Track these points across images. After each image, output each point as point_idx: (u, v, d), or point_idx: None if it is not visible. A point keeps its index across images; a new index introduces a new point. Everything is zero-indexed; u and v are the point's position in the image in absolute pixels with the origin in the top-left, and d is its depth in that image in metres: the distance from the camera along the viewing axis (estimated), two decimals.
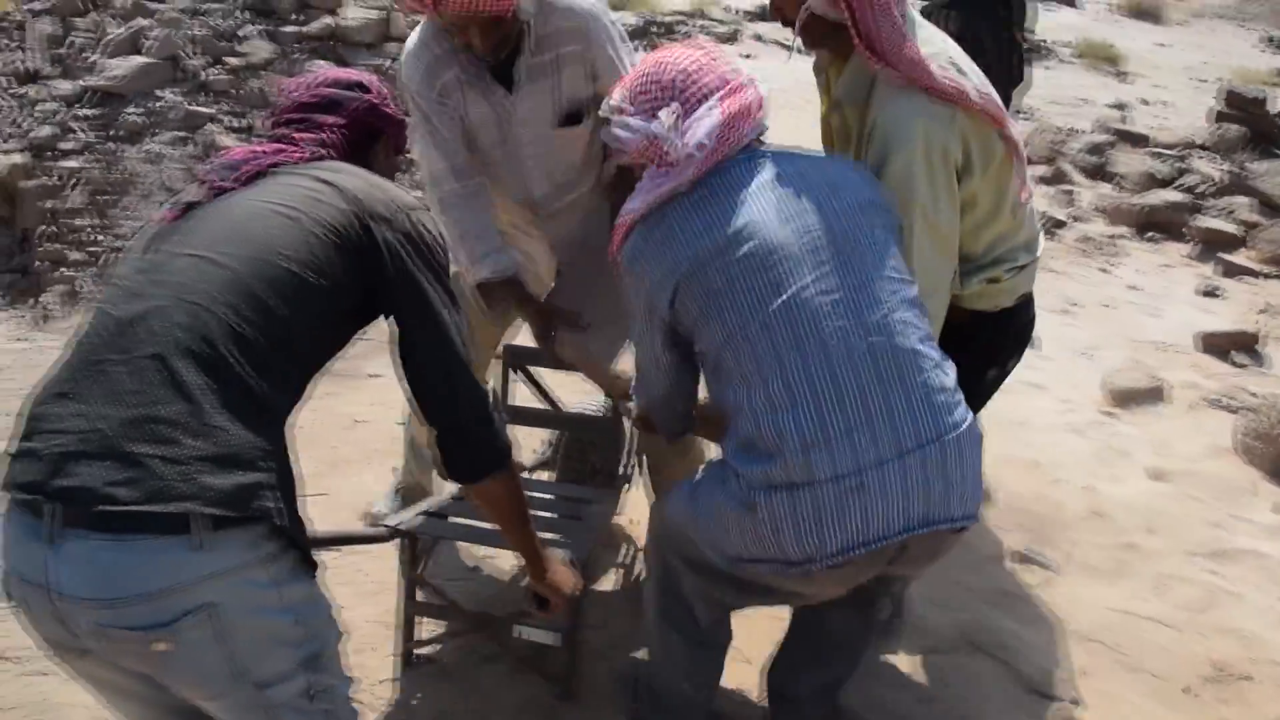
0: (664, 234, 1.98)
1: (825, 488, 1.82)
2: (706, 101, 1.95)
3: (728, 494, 1.93)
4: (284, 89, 1.99)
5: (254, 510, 1.52)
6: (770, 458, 1.86)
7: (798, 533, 1.83)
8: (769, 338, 1.87)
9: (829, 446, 1.82)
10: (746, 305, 1.89)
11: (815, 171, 2.02)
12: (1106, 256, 6.53)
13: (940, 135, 2.10)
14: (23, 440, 1.57)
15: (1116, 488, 3.94)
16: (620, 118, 2.01)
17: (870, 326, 1.88)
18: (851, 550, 1.83)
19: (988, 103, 2.14)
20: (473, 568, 3.26)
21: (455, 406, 1.81)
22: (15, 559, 1.53)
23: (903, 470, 1.83)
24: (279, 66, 6.13)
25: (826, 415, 1.83)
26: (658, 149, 1.96)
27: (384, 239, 1.75)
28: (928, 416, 1.86)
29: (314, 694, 1.65)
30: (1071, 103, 10.36)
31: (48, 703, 2.68)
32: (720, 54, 2.04)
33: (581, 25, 2.68)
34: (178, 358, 1.54)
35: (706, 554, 2.05)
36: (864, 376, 1.85)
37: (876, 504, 1.82)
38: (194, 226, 1.71)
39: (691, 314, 1.97)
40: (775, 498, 1.84)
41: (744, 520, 1.89)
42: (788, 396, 1.85)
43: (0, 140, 6.02)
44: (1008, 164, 2.23)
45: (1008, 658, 2.96)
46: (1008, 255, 2.36)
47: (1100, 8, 16.15)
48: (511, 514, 2.00)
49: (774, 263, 1.89)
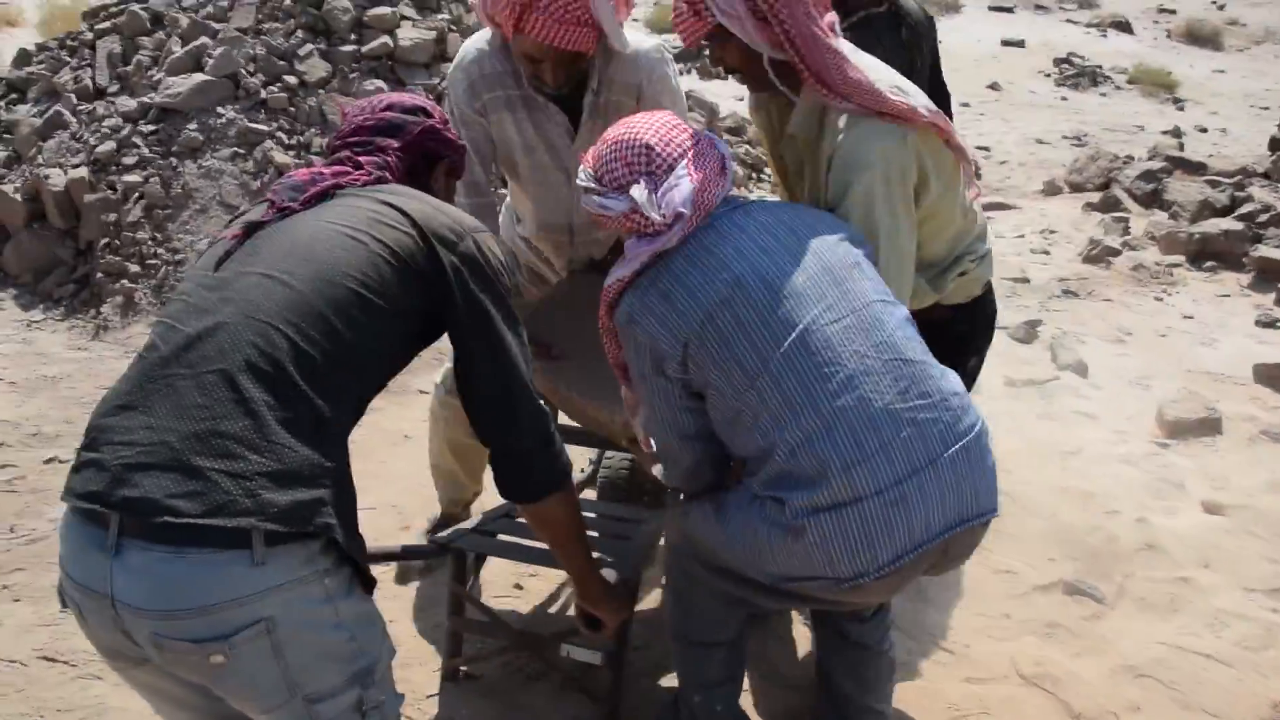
0: (661, 293, 2.01)
1: (869, 503, 1.88)
2: (674, 170, 2.01)
3: (767, 520, 1.95)
4: (346, 112, 2.01)
5: (313, 526, 1.53)
6: (813, 483, 1.90)
7: (850, 551, 1.89)
8: (793, 372, 1.93)
9: (868, 463, 1.89)
10: (763, 345, 1.94)
11: (792, 213, 2.13)
12: (1161, 285, 6.44)
13: (897, 158, 2.19)
14: (86, 450, 1.59)
15: (1170, 520, 3.87)
16: (592, 197, 2.06)
17: (880, 346, 1.97)
18: (901, 559, 1.91)
19: (934, 116, 2.23)
20: (518, 586, 3.27)
21: (517, 427, 1.83)
22: (75, 567, 1.55)
23: (936, 475, 1.92)
24: (335, 85, 6.22)
25: (860, 434, 1.90)
26: (638, 219, 2.01)
27: (448, 261, 1.77)
28: (948, 422, 1.97)
29: (365, 710, 1.66)
30: (1126, 130, 10.27)
31: (102, 706, 2.72)
32: (675, 121, 2.09)
33: (643, 77, 2.72)
34: (243, 374, 1.56)
35: (742, 569, 2.07)
36: (887, 394, 1.93)
37: (918, 511, 1.90)
38: (260, 246, 1.73)
39: (704, 367, 1.99)
40: (823, 520, 1.89)
41: (791, 544, 1.92)
42: (821, 423, 1.91)
43: (66, 155, 6.16)
44: (957, 171, 2.35)
45: (1056, 690, 2.91)
46: (968, 250, 2.50)
47: (1157, 34, 15.97)
48: (568, 535, 2.01)
49: (781, 300, 1.96)
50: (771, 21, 2.14)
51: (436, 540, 2.69)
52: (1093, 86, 13.53)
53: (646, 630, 3.02)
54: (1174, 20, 17.57)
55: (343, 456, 1.64)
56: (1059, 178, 8.74)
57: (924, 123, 2.21)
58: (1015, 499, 3.93)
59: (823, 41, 2.15)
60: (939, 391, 1.99)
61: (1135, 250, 6.94)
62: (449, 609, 2.76)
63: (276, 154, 5.87)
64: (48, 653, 2.94)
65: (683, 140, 2.05)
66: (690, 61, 12.23)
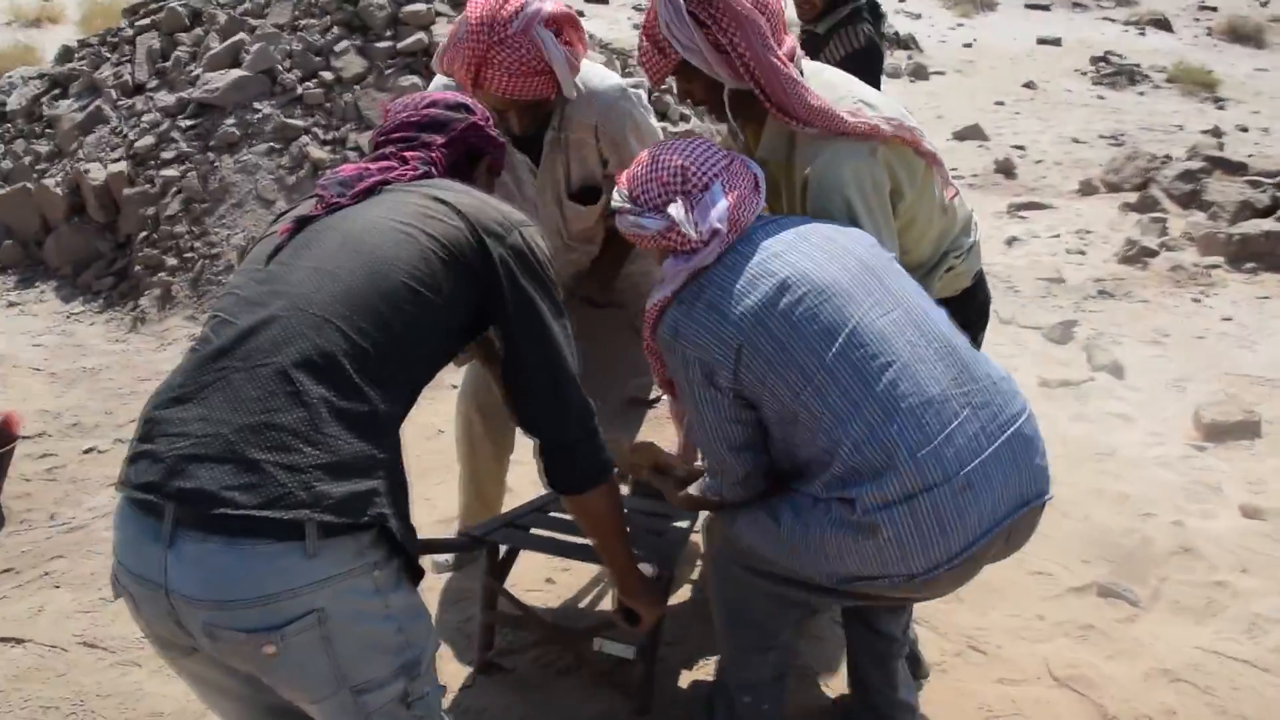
0: (707, 303, 2.03)
1: (940, 490, 1.90)
2: (710, 189, 2.05)
3: (834, 521, 1.95)
4: (389, 109, 2.02)
5: (367, 517, 1.54)
6: (880, 475, 1.91)
7: (924, 543, 1.92)
8: (849, 366, 1.95)
9: (934, 448, 1.91)
10: (818, 343, 1.96)
11: (819, 223, 2.17)
12: (1199, 287, 6.37)
13: (868, 171, 2.24)
14: (141, 442, 1.61)
15: (1207, 524, 3.83)
16: (628, 218, 2.11)
17: (930, 336, 2.02)
18: (972, 545, 1.94)
19: (898, 129, 2.26)
20: (549, 580, 3.28)
21: (564, 419, 1.84)
22: (130, 557, 1.57)
23: (997, 458, 1.96)
24: (371, 81, 6.26)
25: (923, 420, 1.92)
26: (676, 236, 2.05)
27: (497, 254, 1.78)
28: (1000, 405, 2.01)
29: (410, 701, 1.67)
30: (1165, 129, 10.16)
31: (140, 692, 2.76)
32: (708, 144, 2.13)
33: (598, 118, 2.71)
34: (297, 367, 1.57)
35: (800, 573, 2.07)
36: (943, 379, 1.97)
37: (985, 495, 1.93)
38: (310, 240, 1.74)
39: (760, 372, 1.99)
40: (895, 513, 1.90)
41: (863, 543, 1.93)
42: (882, 413, 1.92)
43: (106, 149, 6.24)
44: (929, 174, 2.39)
45: (1089, 692, 2.88)
46: (953, 246, 2.53)
47: (1198, 31, 15.79)
48: (610, 527, 2.03)
49: (829, 298, 1.99)
50: (731, 53, 2.18)
51: (470, 533, 2.70)
52: (1130, 85, 13.40)
53: (678, 626, 3.02)
54: (1215, 18, 17.38)
55: (395, 448, 1.66)
56: (1095, 177, 8.66)
57: (890, 137, 2.25)
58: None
59: (782, 72, 2.19)
60: (988, 376, 2.04)
61: (1173, 251, 6.87)
62: (482, 602, 2.78)
63: (312, 149, 5.92)
64: (87, 639, 2.98)
65: (716, 160, 2.09)
66: None
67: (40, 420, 4.41)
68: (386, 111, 2.02)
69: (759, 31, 2.17)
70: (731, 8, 2.16)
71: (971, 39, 15.96)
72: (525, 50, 2.46)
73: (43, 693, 2.76)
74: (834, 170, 2.23)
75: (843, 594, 2.10)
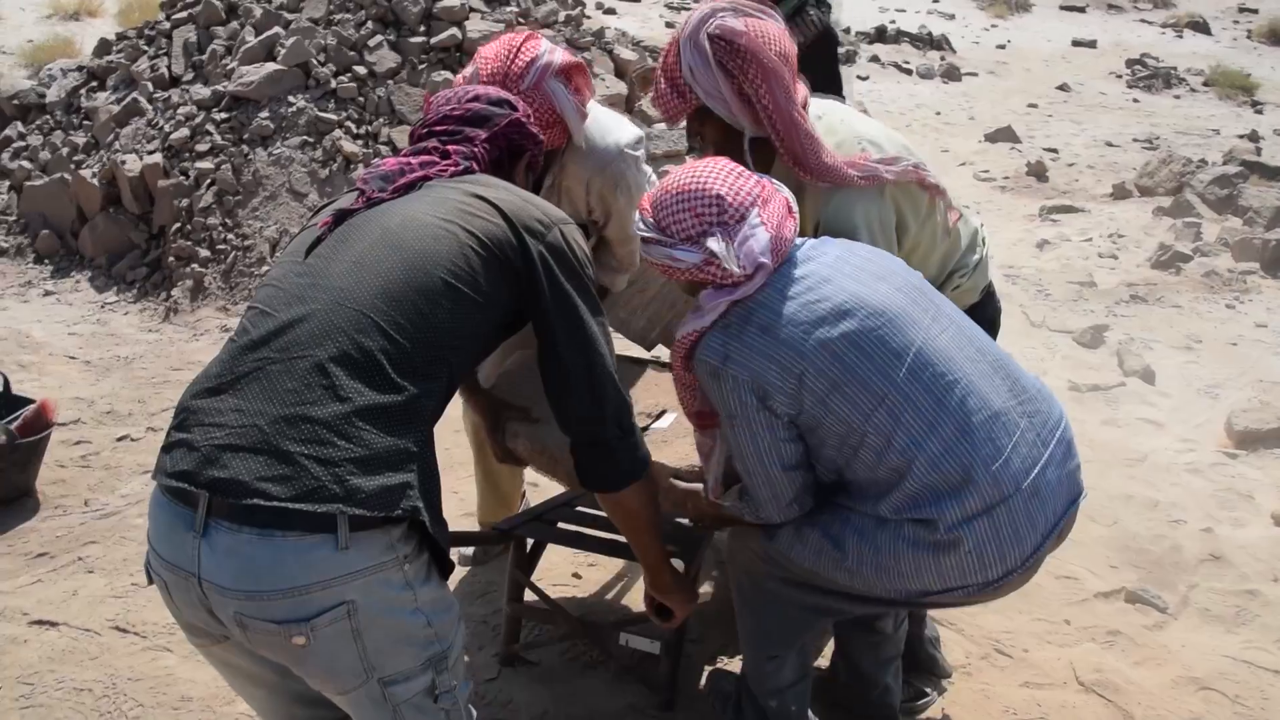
0: (760, 327, 1.99)
1: (1014, 500, 1.97)
2: (747, 219, 2.00)
3: (909, 541, 1.98)
4: (431, 102, 2.03)
5: (400, 510, 1.56)
6: (960, 492, 1.95)
7: (1001, 551, 1.97)
8: (920, 385, 1.97)
9: (1005, 460, 1.97)
10: (885, 364, 1.97)
11: (851, 245, 2.18)
12: (1234, 293, 6.31)
13: (877, 213, 2.32)
14: (176, 431, 1.62)
15: (1238, 531, 3.80)
16: (659, 249, 2.03)
17: (981, 350, 2.08)
18: (1040, 547, 2.01)
19: (901, 172, 2.31)
20: (576, 575, 3.30)
21: (601, 416, 1.84)
22: (163, 545, 1.59)
23: (1051, 463, 2.03)
24: (404, 76, 6.30)
25: (993, 434, 1.98)
26: (716, 271, 1.99)
27: (537, 252, 1.78)
28: (1047, 411, 2.09)
29: (438, 694, 1.68)
30: (1200, 133, 10.06)
31: (171, 676, 2.80)
32: (737, 168, 2.08)
33: (591, 173, 2.68)
34: (333, 362, 1.59)
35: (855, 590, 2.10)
36: (1002, 392, 2.04)
37: (1048, 499, 2.01)
38: (350, 234, 1.75)
39: (819, 395, 1.96)
40: (977, 526, 1.95)
41: (941, 559, 1.98)
42: (957, 430, 1.97)
43: (142, 141, 6.31)
44: (933, 204, 2.44)
45: (1116, 699, 2.87)
46: (958, 265, 2.57)
47: (1237, 34, 15.61)
48: (645, 524, 2.03)
49: (890, 320, 2.00)
50: (755, 103, 2.21)
51: (498, 527, 2.72)
52: (1166, 88, 13.27)
53: (703, 623, 3.03)
54: (1256, 20, 17.17)
55: (428, 442, 1.67)
56: (1129, 181, 8.59)
57: (893, 181, 2.31)
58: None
59: (802, 128, 2.23)
60: (1032, 385, 2.11)
61: (1207, 256, 6.80)
62: (508, 595, 2.80)
63: (345, 143, 5.96)
64: (120, 623, 3.02)
65: (751, 188, 2.04)
66: None
67: (75, 408, 4.47)
68: (429, 104, 2.03)
69: (782, 84, 2.20)
70: (759, 59, 2.18)
71: (1005, 40, 15.85)
72: (538, 105, 2.44)
73: (76, 675, 2.80)
74: (846, 214, 2.29)
75: (901, 605, 2.16)
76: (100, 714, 2.67)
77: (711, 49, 2.19)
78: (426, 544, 1.65)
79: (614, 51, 7.21)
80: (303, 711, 1.82)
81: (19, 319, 5.54)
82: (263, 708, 1.85)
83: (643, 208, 2.10)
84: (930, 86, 12.74)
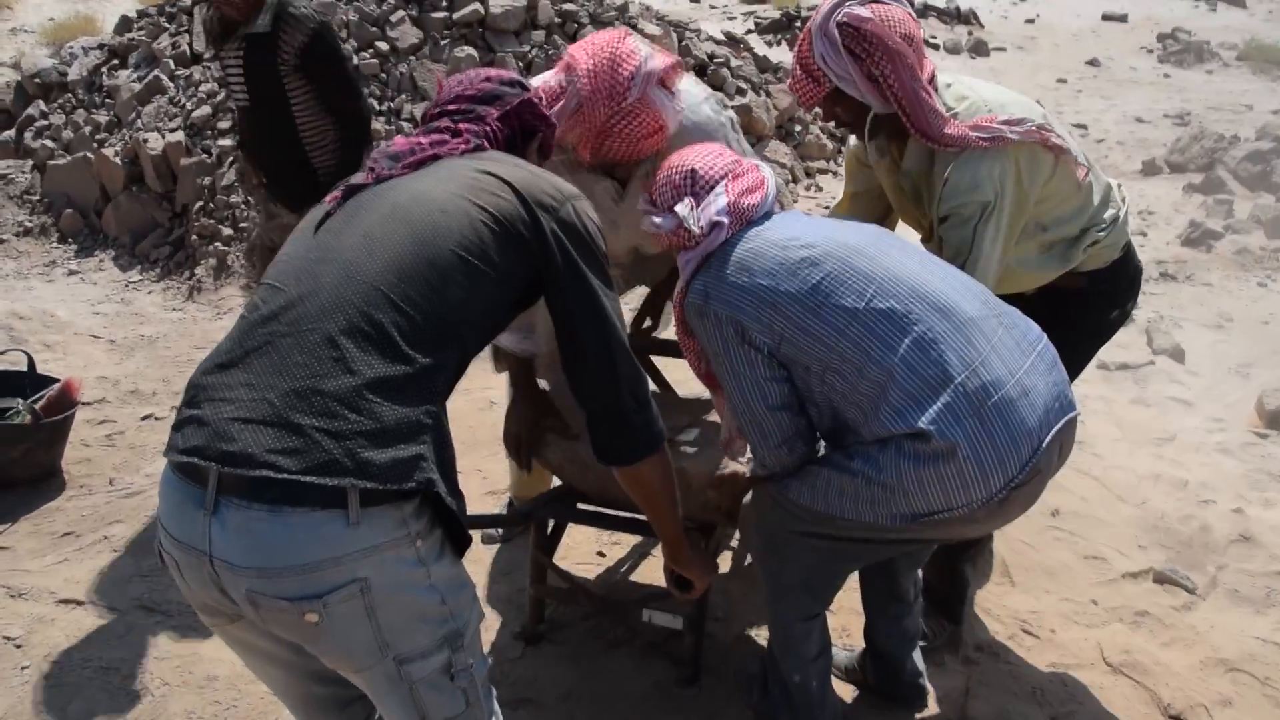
0: (736, 265, 2.13)
1: (1003, 397, 1.99)
2: (714, 189, 2.21)
3: (909, 456, 2.00)
4: (443, 83, 2.02)
5: (414, 482, 1.54)
6: (942, 394, 1.98)
7: (999, 456, 1.98)
8: (893, 297, 2.05)
9: (985, 361, 2.01)
10: (857, 284, 2.06)
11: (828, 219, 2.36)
12: (1266, 271, 6.22)
13: (998, 170, 2.41)
14: (186, 407, 1.61)
15: (1269, 513, 3.75)
16: (648, 218, 2.26)
17: (950, 273, 2.17)
18: (1037, 452, 2.01)
19: (1025, 133, 2.41)
20: (600, 553, 3.29)
21: (616, 389, 1.83)
22: (174, 524, 1.58)
23: (1035, 369, 2.08)
24: (426, 53, 6.27)
25: (971, 336, 2.03)
26: (683, 232, 2.19)
27: (549, 227, 1.77)
28: (1025, 326, 2.16)
29: (454, 672, 1.67)
30: (1233, 109, 9.91)
31: (196, 655, 2.81)
32: (721, 149, 2.30)
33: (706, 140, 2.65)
34: (344, 335, 1.57)
35: (861, 521, 2.10)
36: (975, 303, 2.09)
37: (1038, 402, 2.03)
38: (360, 209, 1.74)
39: (795, 320, 2.06)
40: (970, 428, 1.97)
41: (942, 470, 1.98)
42: (931, 336, 2.01)
43: (163, 119, 6.31)
44: (1057, 163, 2.52)
45: (1144, 680, 2.84)
46: (1092, 221, 2.63)
47: (1273, 7, 15.35)
48: (662, 497, 2.01)
49: (856, 249, 2.11)
50: (881, 83, 2.39)
51: (519, 509, 2.71)
52: (1198, 63, 13.08)
53: (727, 601, 3.02)
54: None
55: (441, 416, 1.65)
56: (1159, 158, 8.48)
57: (1015, 143, 2.41)
58: (1106, 484, 3.84)
59: (926, 104, 2.39)
60: (1008, 308, 2.18)
61: (1239, 234, 6.71)
62: (531, 576, 2.79)
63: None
64: (145, 602, 3.03)
65: (724, 164, 2.24)
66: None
67: (100, 387, 4.49)
68: (440, 85, 2.01)
69: (907, 64, 2.37)
70: (884, 43, 2.35)
71: (1034, 14, 15.66)
72: (644, 116, 2.43)
73: (102, 654, 2.81)
74: (970, 174, 2.39)
75: (907, 541, 2.17)
76: (127, 693, 2.68)
77: (840, 36, 2.37)
78: (440, 520, 1.64)
79: (638, 26, 7.16)
80: (320, 689, 1.82)
81: (44, 298, 5.57)
82: (280, 686, 1.84)
83: (644, 186, 2.28)
84: (958, 62, 12.60)
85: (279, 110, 3.53)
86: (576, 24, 6.87)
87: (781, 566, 2.33)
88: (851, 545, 2.22)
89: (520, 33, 6.61)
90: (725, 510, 2.53)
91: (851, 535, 2.17)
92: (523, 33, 6.62)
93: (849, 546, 2.23)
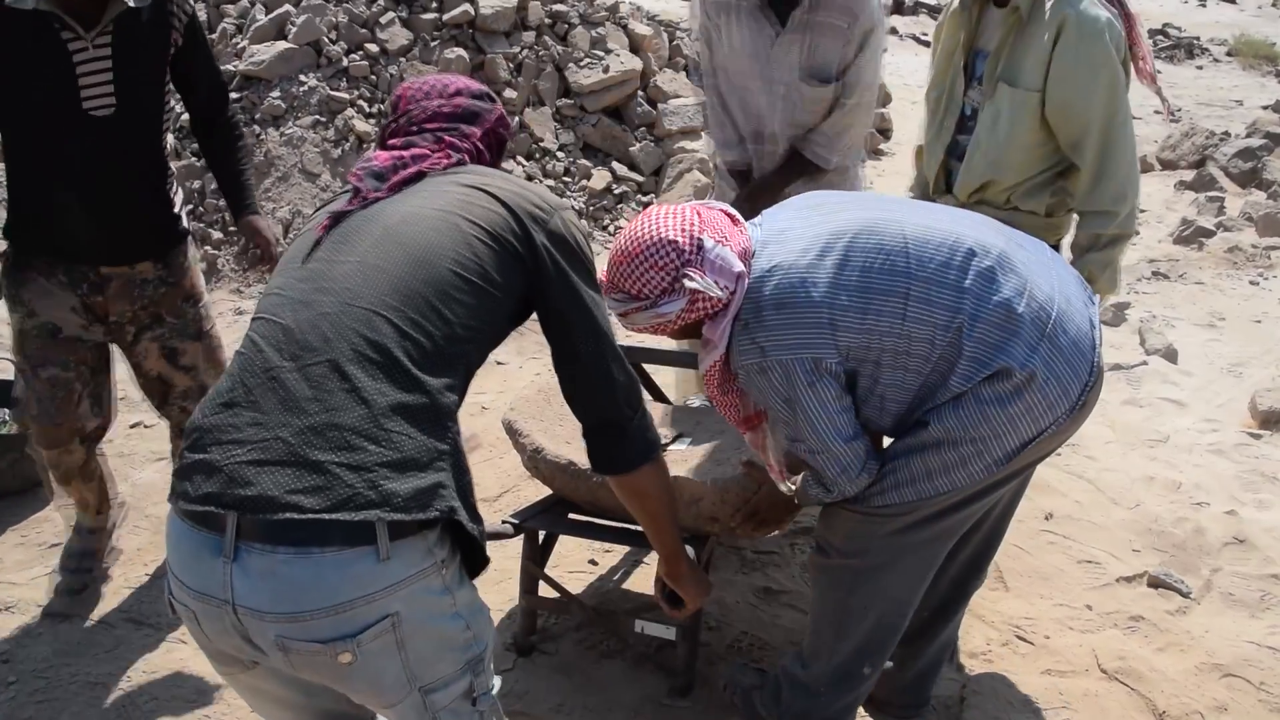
0: (773, 303, 2.05)
1: (1059, 313, 2.07)
2: (704, 246, 2.05)
3: (991, 400, 2.04)
4: (405, 95, 1.96)
5: (437, 511, 1.52)
6: (1013, 330, 2.03)
7: (1073, 366, 2.07)
8: (931, 263, 2.05)
9: (1032, 283, 2.07)
10: (894, 264, 2.05)
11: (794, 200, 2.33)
12: (1258, 269, 6.22)
13: (1117, 30, 2.60)
14: (191, 452, 1.56)
15: (1263, 514, 3.74)
16: (644, 313, 2.09)
17: (951, 215, 2.20)
18: (1095, 347, 2.12)
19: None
20: (592, 562, 3.27)
21: (612, 398, 1.83)
22: (190, 575, 1.53)
23: (1063, 278, 2.19)
24: (416, 54, 6.24)
25: (1010, 265, 2.08)
26: (704, 303, 2.06)
27: (540, 240, 1.76)
28: (1034, 242, 2.24)
29: (476, 696, 1.66)
30: (1224, 105, 9.92)
31: (186, 669, 2.78)
32: (663, 209, 2.11)
33: (856, 11, 2.97)
34: (351, 363, 1.54)
35: (971, 481, 2.12)
36: (994, 234, 2.14)
37: (1078, 304, 2.15)
38: (349, 234, 1.72)
39: (856, 327, 2.04)
40: (1044, 353, 2.03)
41: (1029, 398, 2.04)
42: (980, 280, 2.05)
43: None
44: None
45: (1139, 686, 2.83)
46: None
47: (1262, 2, 15.37)
48: (659, 507, 1.99)
49: (868, 227, 2.09)
50: None
51: (509, 521, 2.70)
52: (1189, 59, 13.09)
53: (721, 611, 3.00)
54: None
55: (455, 437, 1.63)
56: (1150, 155, 8.47)
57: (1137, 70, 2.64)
58: (1100, 487, 3.83)
59: None
60: (1008, 226, 2.25)
61: (1231, 231, 6.71)
62: (523, 588, 2.78)
63: (357, 122, 5.92)
64: (134, 615, 3.01)
65: (690, 219, 2.08)
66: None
67: None
68: (405, 98, 1.95)
69: None
70: None
71: None
72: None
73: (91, 669, 2.79)
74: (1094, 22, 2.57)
75: (1001, 482, 2.18)
76: (115, 708, 2.66)
77: None
78: (458, 545, 1.62)
79: (628, 26, 7.14)
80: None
81: None
82: None
83: (604, 286, 2.11)
84: None
85: None
86: (567, 24, 6.84)
87: (880, 577, 2.28)
88: (951, 515, 2.20)
89: (510, 34, 6.58)
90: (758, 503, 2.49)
91: (950, 504, 2.17)
92: (513, 34, 6.60)
93: (947, 519, 2.20)
